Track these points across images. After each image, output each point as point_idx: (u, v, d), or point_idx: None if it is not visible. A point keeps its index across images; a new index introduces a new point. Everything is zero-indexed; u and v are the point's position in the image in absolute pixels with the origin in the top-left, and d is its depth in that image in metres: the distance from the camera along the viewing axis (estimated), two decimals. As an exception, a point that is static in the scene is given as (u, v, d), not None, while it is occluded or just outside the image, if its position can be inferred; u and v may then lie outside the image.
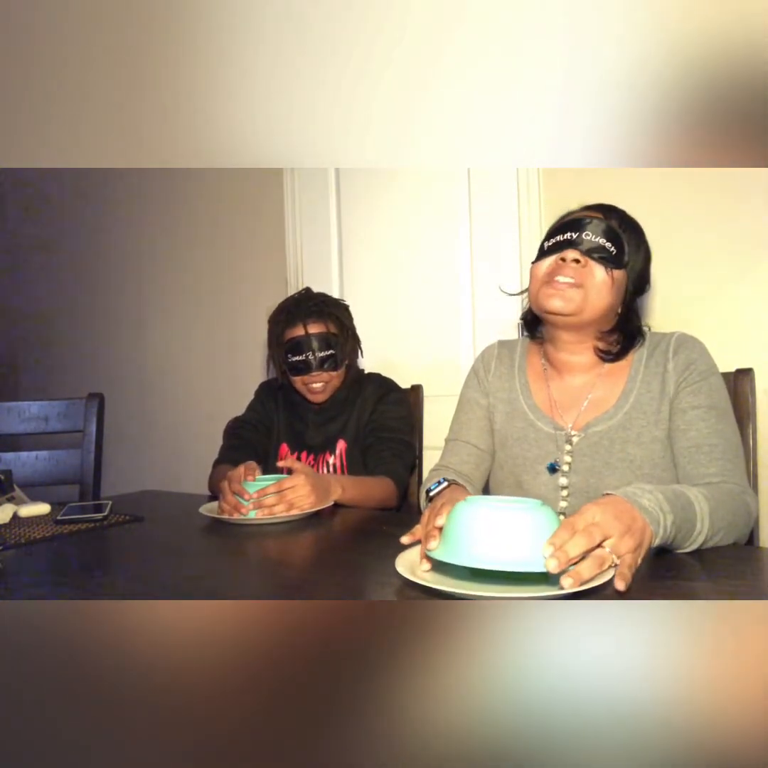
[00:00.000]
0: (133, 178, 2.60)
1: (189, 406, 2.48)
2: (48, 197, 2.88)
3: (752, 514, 0.93)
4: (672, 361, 1.05)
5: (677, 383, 1.04)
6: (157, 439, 2.58)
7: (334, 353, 1.49)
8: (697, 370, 1.03)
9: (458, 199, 1.85)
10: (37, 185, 2.91)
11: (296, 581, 0.81)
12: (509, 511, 0.72)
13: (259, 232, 2.25)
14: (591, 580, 0.67)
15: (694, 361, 1.04)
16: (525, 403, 1.17)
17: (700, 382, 1.02)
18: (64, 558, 0.96)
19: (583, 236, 1.05)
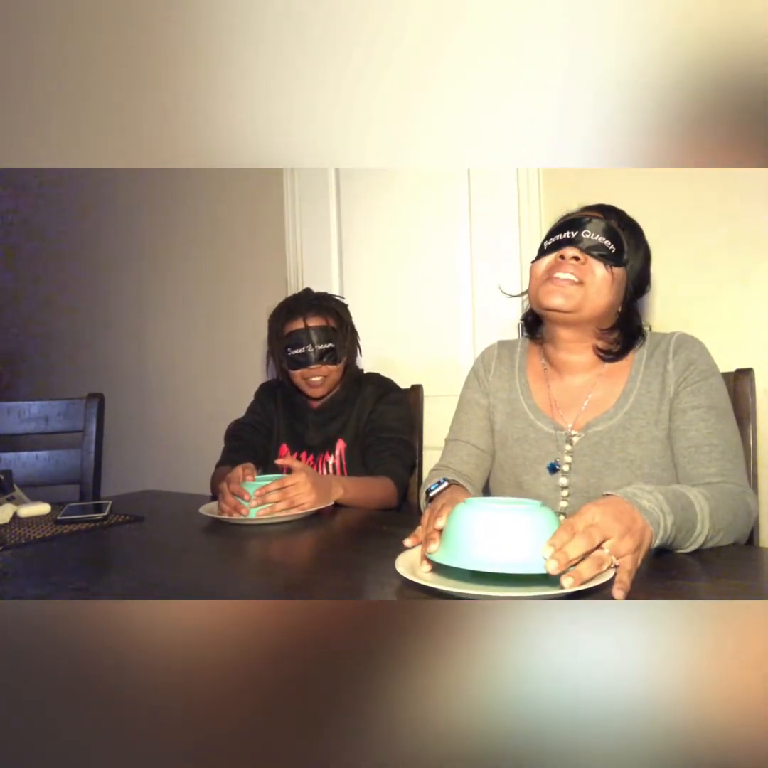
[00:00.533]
0: (133, 178, 2.60)
1: (189, 406, 2.48)
2: (47, 198, 2.88)
3: (752, 514, 0.93)
4: (672, 361, 1.05)
5: (677, 383, 1.04)
6: (157, 439, 2.58)
7: (334, 347, 1.50)
8: (697, 370, 1.03)
9: (458, 199, 1.85)
10: (37, 185, 2.91)
11: (296, 581, 0.81)
12: (508, 513, 0.72)
13: (259, 232, 2.25)
14: (590, 580, 0.67)
15: (694, 361, 1.04)
16: (525, 403, 1.17)
17: (700, 382, 1.02)
18: (64, 558, 0.96)
19: (582, 235, 1.05)
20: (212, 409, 2.35)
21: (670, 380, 1.04)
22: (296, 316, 1.51)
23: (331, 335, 1.50)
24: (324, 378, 1.51)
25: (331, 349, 1.50)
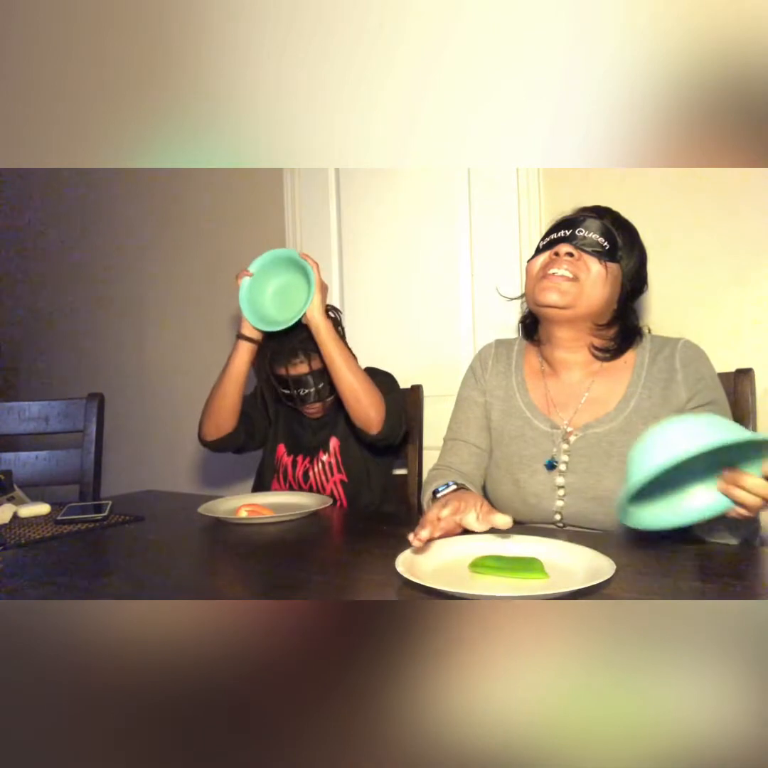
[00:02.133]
0: (133, 178, 2.60)
1: (189, 406, 2.47)
2: (47, 197, 2.88)
3: None
4: (681, 371, 1.06)
5: (689, 398, 1.04)
6: (157, 440, 2.58)
7: (323, 385, 1.45)
8: (708, 387, 1.05)
9: (458, 199, 1.85)
10: (36, 185, 2.91)
11: (296, 581, 0.81)
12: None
13: (259, 232, 2.25)
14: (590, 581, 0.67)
15: (703, 377, 1.05)
16: (522, 401, 1.17)
17: (710, 405, 1.03)
18: (64, 558, 0.96)
19: (576, 233, 1.06)
20: (212, 409, 2.35)
21: (680, 390, 1.05)
22: (280, 364, 1.45)
23: (318, 378, 1.44)
24: (320, 407, 1.50)
25: (318, 390, 1.45)
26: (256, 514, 1.15)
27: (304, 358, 1.43)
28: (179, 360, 2.51)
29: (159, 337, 2.57)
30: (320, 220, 2.10)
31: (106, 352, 2.74)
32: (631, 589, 0.69)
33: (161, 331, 2.56)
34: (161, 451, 2.56)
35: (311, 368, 1.43)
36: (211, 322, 2.41)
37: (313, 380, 1.44)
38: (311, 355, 1.43)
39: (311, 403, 1.46)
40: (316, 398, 1.46)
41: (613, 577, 0.70)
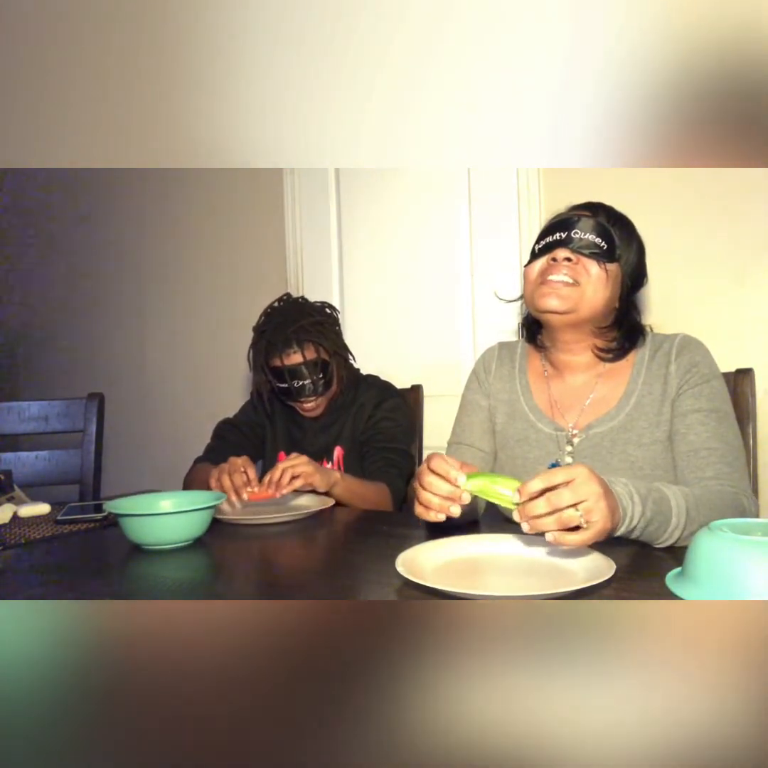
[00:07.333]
0: (133, 179, 2.60)
1: (189, 406, 2.48)
2: (47, 197, 2.88)
3: (746, 515, 0.93)
4: (674, 362, 1.05)
5: (679, 385, 1.04)
6: (157, 439, 2.58)
7: (320, 377, 1.46)
8: (699, 373, 1.03)
9: (458, 199, 1.85)
10: (36, 185, 2.91)
11: (296, 581, 0.81)
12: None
13: (259, 232, 2.25)
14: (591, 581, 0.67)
15: (696, 364, 1.04)
16: (526, 404, 1.16)
17: (702, 385, 1.02)
18: (64, 558, 0.96)
19: (572, 235, 1.04)
20: (212, 409, 2.35)
21: (672, 382, 1.04)
22: (274, 354, 1.45)
23: (312, 369, 1.44)
24: (315, 404, 1.49)
25: (316, 381, 1.45)
26: (256, 498, 1.16)
27: (297, 348, 1.44)
28: (179, 360, 2.51)
29: (159, 337, 2.57)
30: (320, 220, 2.10)
31: (106, 352, 2.74)
32: (631, 590, 0.69)
33: (161, 331, 2.56)
34: (161, 451, 2.56)
35: (305, 358, 1.44)
36: (212, 322, 2.41)
37: (307, 371, 1.44)
38: (304, 345, 1.44)
39: (307, 396, 1.46)
40: (312, 391, 1.46)
41: (612, 578, 0.70)
